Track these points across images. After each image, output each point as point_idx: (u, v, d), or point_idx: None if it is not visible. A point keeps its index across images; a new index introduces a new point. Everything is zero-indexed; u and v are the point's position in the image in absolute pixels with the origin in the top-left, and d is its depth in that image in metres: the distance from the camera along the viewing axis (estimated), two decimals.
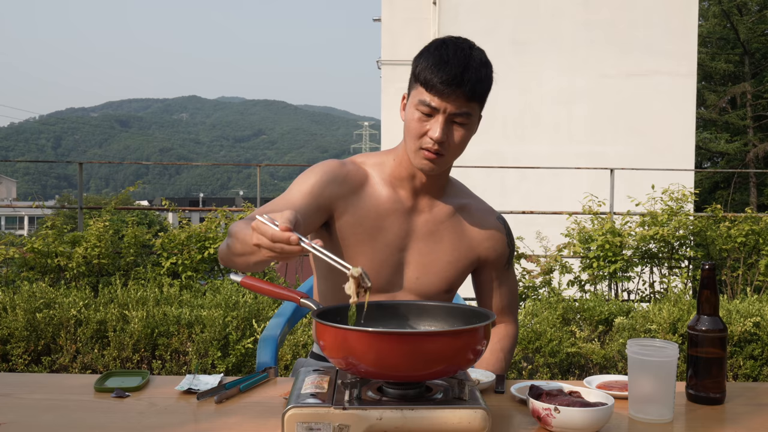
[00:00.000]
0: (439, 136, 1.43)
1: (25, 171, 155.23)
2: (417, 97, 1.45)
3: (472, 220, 1.61)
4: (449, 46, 1.44)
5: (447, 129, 1.45)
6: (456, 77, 1.40)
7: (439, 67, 1.41)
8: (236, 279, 1.41)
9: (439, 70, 1.40)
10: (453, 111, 1.43)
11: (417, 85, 1.45)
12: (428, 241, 1.56)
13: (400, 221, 1.55)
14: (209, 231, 4.73)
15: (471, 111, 1.45)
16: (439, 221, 1.58)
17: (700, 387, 1.40)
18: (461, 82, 1.40)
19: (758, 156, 19.08)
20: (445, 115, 1.43)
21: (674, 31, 9.56)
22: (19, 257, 4.63)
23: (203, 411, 1.33)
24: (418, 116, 1.45)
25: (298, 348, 3.50)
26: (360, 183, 1.54)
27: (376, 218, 1.53)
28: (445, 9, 9.77)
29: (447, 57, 1.42)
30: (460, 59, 1.42)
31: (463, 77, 1.40)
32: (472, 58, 1.43)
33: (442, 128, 1.43)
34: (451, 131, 1.46)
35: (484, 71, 1.45)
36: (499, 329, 1.70)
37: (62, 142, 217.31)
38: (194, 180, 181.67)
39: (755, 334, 3.73)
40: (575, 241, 4.80)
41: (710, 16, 20.99)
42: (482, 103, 1.49)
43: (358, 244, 1.53)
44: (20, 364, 3.62)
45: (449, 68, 1.40)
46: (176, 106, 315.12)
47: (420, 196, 1.57)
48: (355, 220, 1.53)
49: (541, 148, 9.40)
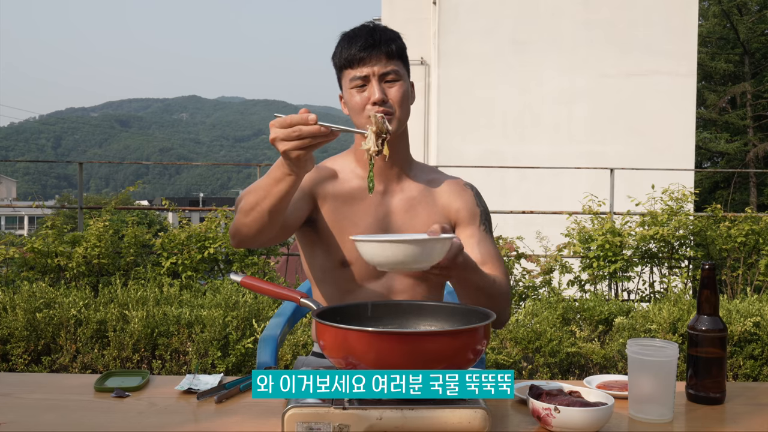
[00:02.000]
0: (379, 96, 1.52)
1: (25, 171, 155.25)
2: (346, 79, 1.56)
3: (441, 189, 1.66)
4: (354, 29, 1.58)
5: (383, 88, 1.53)
6: (368, 40, 1.53)
7: (351, 42, 1.54)
8: (236, 279, 1.41)
9: (352, 44, 1.54)
10: (381, 71, 1.53)
11: (343, 72, 1.57)
12: (406, 218, 1.61)
13: (376, 205, 1.60)
14: (209, 231, 4.73)
15: (397, 68, 1.55)
16: (413, 198, 1.63)
17: (700, 387, 1.40)
18: (374, 42, 1.53)
19: (758, 156, 19.08)
20: (375, 77, 1.53)
21: (674, 31, 9.55)
22: (19, 257, 4.63)
23: (203, 411, 1.33)
24: (355, 93, 1.55)
25: (298, 348, 3.50)
26: (333, 175, 1.62)
27: (352, 205, 1.59)
28: (445, 9, 9.77)
29: (354, 33, 1.56)
30: (365, 29, 1.56)
31: (374, 38, 1.53)
32: (376, 27, 1.57)
33: (378, 87, 1.53)
34: (388, 90, 1.55)
35: (391, 32, 1.58)
36: None
37: (62, 142, 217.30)
38: (194, 180, 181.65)
39: (755, 334, 3.73)
40: (575, 241, 4.80)
41: (710, 16, 20.98)
42: (405, 63, 1.59)
43: (342, 230, 1.58)
44: (20, 364, 3.62)
45: (359, 38, 1.54)
46: (176, 106, 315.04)
47: (389, 181, 1.63)
48: (335, 206, 1.59)
49: (541, 148, 9.39)
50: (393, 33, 1.59)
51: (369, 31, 1.55)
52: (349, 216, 1.58)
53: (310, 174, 1.57)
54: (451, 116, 9.56)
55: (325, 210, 1.59)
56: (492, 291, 1.48)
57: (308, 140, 1.22)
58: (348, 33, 1.58)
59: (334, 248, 1.59)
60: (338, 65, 1.58)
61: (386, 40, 1.54)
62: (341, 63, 1.56)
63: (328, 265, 1.62)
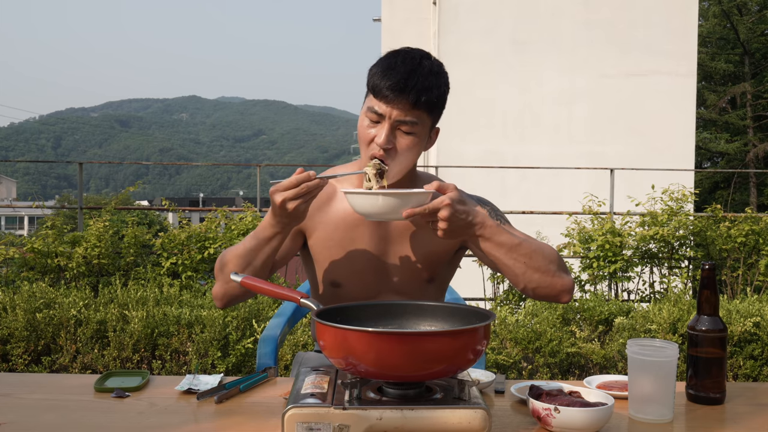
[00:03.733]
0: (383, 141, 1.43)
1: (25, 171, 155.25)
2: (367, 104, 1.47)
3: None
4: (399, 54, 1.45)
5: (392, 135, 1.45)
6: (400, 82, 1.40)
7: (386, 73, 1.42)
8: (236, 279, 1.41)
9: (386, 76, 1.42)
10: (398, 117, 1.43)
11: (368, 93, 1.48)
12: (404, 240, 1.57)
13: (372, 228, 1.56)
14: (209, 231, 4.73)
15: (417, 119, 1.45)
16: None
17: (700, 387, 1.40)
18: (405, 87, 1.40)
19: (758, 156, 19.09)
20: (390, 121, 1.44)
21: (674, 31, 9.55)
22: (19, 257, 4.63)
23: (203, 411, 1.33)
24: (367, 123, 1.47)
25: (298, 348, 3.50)
26: (327, 198, 1.57)
27: (346, 229, 1.55)
28: (445, 9, 9.77)
29: (395, 64, 1.43)
30: (407, 66, 1.42)
31: (407, 83, 1.41)
32: (420, 66, 1.43)
33: (387, 134, 1.44)
34: (397, 138, 1.46)
35: (432, 80, 1.44)
36: None
37: (62, 142, 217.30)
38: (194, 180, 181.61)
39: (755, 334, 3.73)
40: (575, 241, 4.80)
41: (710, 16, 20.99)
42: (432, 113, 1.48)
43: (332, 256, 1.57)
44: (20, 364, 3.62)
45: (395, 74, 1.41)
46: (176, 106, 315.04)
47: None
48: (326, 234, 1.56)
49: (541, 148, 9.39)
50: (434, 80, 1.44)
51: (408, 68, 1.42)
52: (340, 240, 1.55)
53: None
54: (451, 116, 9.50)
55: (315, 238, 1.58)
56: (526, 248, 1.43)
57: (312, 193, 1.36)
58: (391, 58, 1.45)
59: (325, 270, 1.59)
60: (368, 83, 1.47)
61: (419, 89, 1.41)
62: (369, 85, 1.46)
63: (320, 285, 1.63)
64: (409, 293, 1.59)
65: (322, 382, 1.24)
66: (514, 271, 1.44)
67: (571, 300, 1.54)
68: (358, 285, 1.57)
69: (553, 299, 1.49)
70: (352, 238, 1.56)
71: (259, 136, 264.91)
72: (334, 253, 1.57)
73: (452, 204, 1.33)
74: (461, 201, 1.35)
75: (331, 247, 1.57)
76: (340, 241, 1.56)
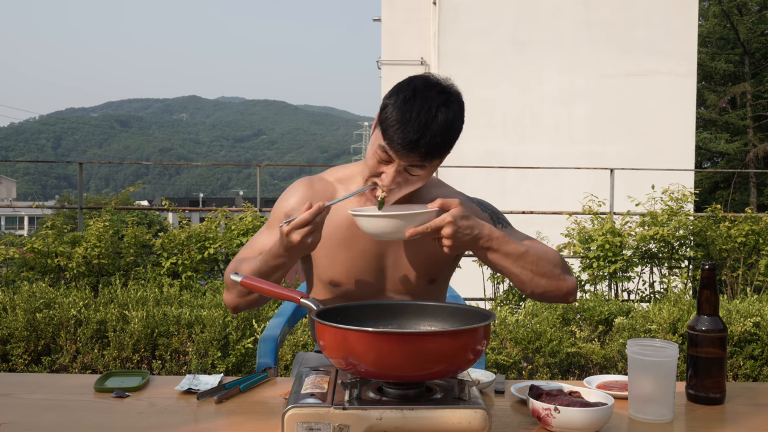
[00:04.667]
0: (388, 183, 1.44)
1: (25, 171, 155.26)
2: (379, 141, 1.45)
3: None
4: (416, 102, 1.40)
5: (398, 177, 1.45)
6: (412, 142, 1.39)
7: (401, 126, 1.39)
8: (237, 279, 1.41)
9: (400, 130, 1.39)
10: (407, 164, 1.44)
11: (380, 128, 1.45)
12: (402, 241, 1.56)
13: None
14: (209, 231, 4.73)
15: (425, 164, 1.45)
16: None
17: (700, 387, 1.40)
18: (416, 145, 1.39)
19: (758, 156, 19.08)
20: (397, 167, 1.44)
21: (674, 31, 9.55)
22: (19, 257, 4.63)
23: (203, 411, 1.33)
24: (376, 157, 1.46)
25: (298, 348, 3.50)
26: (326, 199, 1.57)
27: (344, 229, 1.55)
28: (445, 9, 9.77)
29: (410, 117, 1.39)
30: (421, 122, 1.39)
31: (419, 143, 1.39)
32: (435, 121, 1.40)
33: (393, 178, 1.44)
34: (405, 180, 1.47)
35: (445, 136, 1.42)
36: None
37: (62, 142, 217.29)
38: (194, 180, 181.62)
39: (755, 334, 3.73)
40: (575, 241, 4.80)
41: (710, 16, 20.98)
42: (442, 156, 1.48)
43: (332, 256, 1.57)
44: (20, 364, 3.62)
45: (408, 129, 1.38)
46: (176, 106, 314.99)
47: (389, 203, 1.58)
48: (324, 234, 1.54)
49: (541, 148, 9.40)
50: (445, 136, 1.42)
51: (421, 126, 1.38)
52: (340, 240, 1.56)
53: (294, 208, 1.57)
54: None
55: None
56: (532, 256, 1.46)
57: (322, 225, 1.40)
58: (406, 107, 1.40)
59: (324, 270, 1.59)
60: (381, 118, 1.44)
61: (431, 146, 1.40)
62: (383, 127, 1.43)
63: (319, 284, 1.63)
64: (411, 293, 1.59)
65: (322, 382, 1.24)
66: (522, 278, 1.47)
67: (575, 300, 1.55)
68: (358, 284, 1.57)
69: (559, 301, 1.52)
70: (350, 238, 1.56)
71: (259, 136, 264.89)
72: (332, 252, 1.57)
73: (454, 221, 1.34)
74: (464, 216, 1.36)
75: (330, 247, 1.57)
76: (338, 241, 1.56)
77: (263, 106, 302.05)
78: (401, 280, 1.59)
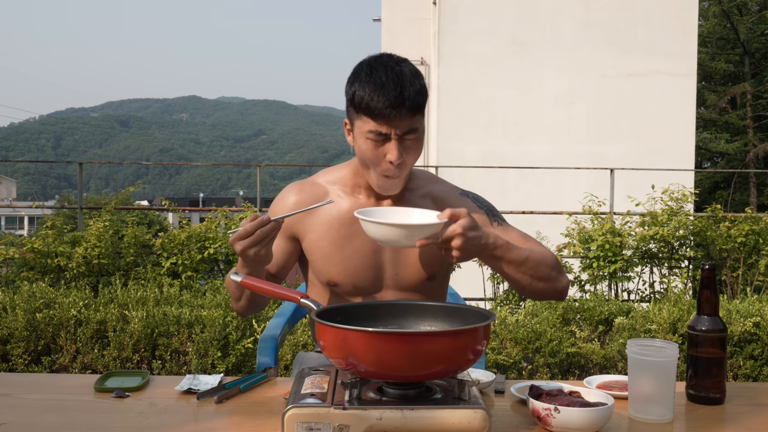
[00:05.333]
0: (397, 157, 1.46)
1: (25, 171, 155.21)
2: (364, 127, 1.47)
3: (437, 204, 1.62)
4: (379, 70, 1.45)
5: (402, 148, 1.47)
6: (397, 99, 1.42)
7: (379, 93, 1.43)
8: (237, 279, 1.41)
9: (381, 96, 1.42)
10: (403, 131, 1.46)
11: (360, 115, 1.47)
12: None
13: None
14: (209, 231, 4.73)
15: (417, 125, 1.49)
16: None
17: (700, 387, 1.40)
18: (402, 101, 1.43)
19: (758, 156, 19.08)
20: (396, 138, 1.46)
21: (674, 31, 9.55)
22: (19, 257, 4.63)
23: (203, 411, 1.33)
24: (371, 145, 1.48)
25: (298, 348, 3.50)
26: (318, 200, 1.59)
27: (340, 228, 1.57)
28: (445, 9, 9.76)
29: (382, 82, 1.43)
30: (394, 80, 1.44)
31: (403, 96, 1.43)
32: (404, 75, 1.45)
33: (399, 150, 1.46)
34: (406, 149, 1.49)
35: (418, 83, 1.47)
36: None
37: (62, 142, 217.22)
38: (194, 180, 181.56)
39: (755, 334, 3.73)
40: (575, 241, 4.80)
41: (710, 16, 20.98)
42: (423, 112, 1.52)
43: (326, 255, 1.58)
44: (20, 364, 3.61)
45: (387, 91, 1.42)
46: (176, 106, 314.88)
47: (383, 197, 1.60)
48: (318, 235, 1.58)
49: (541, 148, 9.39)
50: (419, 82, 1.47)
51: (397, 82, 1.43)
52: (334, 239, 1.57)
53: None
54: (451, 117, 9.55)
55: (307, 240, 1.60)
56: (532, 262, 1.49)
57: (269, 237, 1.39)
58: (372, 75, 1.45)
59: (320, 271, 1.60)
60: (355, 106, 1.47)
61: (414, 95, 1.44)
62: (359, 107, 1.45)
63: (316, 282, 1.65)
64: (411, 290, 1.60)
65: (322, 382, 1.24)
66: (522, 283, 1.50)
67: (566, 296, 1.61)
68: (355, 283, 1.58)
69: (551, 299, 1.57)
70: (345, 237, 1.57)
71: (259, 136, 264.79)
72: (327, 252, 1.58)
73: (464, 233, 1.35)
74: (473, 227, 1.37)
75: (325, 247, 1.58)
76: (333, 241, 1.57)
77: (263, 106, 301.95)
78: (399, 277, 1.59)
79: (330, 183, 1.62)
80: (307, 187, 1.62)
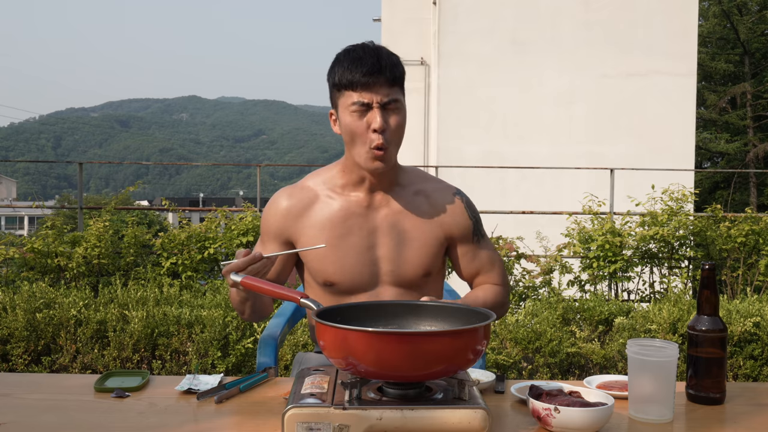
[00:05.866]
0: (380, 124, 1.51)
1: (25, 171, 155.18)
2: (347, 101, 1.53)
3: (430, 201, 1.65)
4: (357, 49, 1.54)
5: (385, 116, 1.52)
6: (374, 66, 1.50)
7: (356, 64, 1.51)
8: (237, 279, 1.41)
9: (356, 67, 1.51)
10: (383, 99, 1.52)
11: (342, 92, 1.54)
12: (393, 233, 1.60)
13: (360, 222, 1.60)
14: (209, 231, 4.73)
15: (398, 96, 1.54)
16: (399, 211, 1.62)
17: (700, 387, 1.40)
18: (379, 69, 1.50)
19: (758, 156, 19.08)
20: (377, 105, 1.52)
21: (674, 31, 9.54)
22: (19, 257, 4.63)
23: (203, 411, 1.33)
24: (355, 117, 1.52)
25: (298, 348, 3.50)
26: (309, 203, 1.62)
27: (332, 228, 1.59)
28: (445, 9, 9.76)
29: (359, 55, 1.52)
30: (370, 54, 1.52)
31: (380, 64, 1.51)
32: (379, 49, 1.55)
33: (381, 115, 1.51)
34: (388, 119, 1.53)
35: (394, 56, 1.56)
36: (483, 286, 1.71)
37: (62, 142, 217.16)
38: (194, 180, 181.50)
39: (755, 334, 3.73)
40: (575, 241, 4.80)
41: (710, 16, 20.98)
42: (403, 90, 1.58)
43: (321, 258, 1.60)
44: (20, 364, 3.61)
45: (364, 62, 1.51)
46: (176, 106, 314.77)
47: (375, 194, 1.62)
48: (312, 236, 1.60)
49: (541, 148, 9.39)
50: (396, 57, 1.56)
51: (374, 54, 1.52)
52: (327, 239, 1.59)
53: (277, 220, 1.63)
54: (451, 116, 9.55)
55: (302, 243, 1.62)
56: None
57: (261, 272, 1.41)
58: (350, 53, 1.53)
59: (316, 272, 1.62)
60: (337, 84, 1.54)
61: (391, 66, 1.52)
62: (341, 84, 1.52)
63: (313, 283, 1.66)
64: (407, 287, 1.60)
65: (322, 382, 1.24)
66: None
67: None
68: (352, 281, 1.59)
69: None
70: (339, 236, 1.58)
71: (259, 136, 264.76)
72: (321, 255, 1.59)
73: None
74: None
75: (318, 251, 1.59)
76: (326, 241, 1.58)
77: (263, 106, 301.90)
78: (396, 273, 1.60)
79: (319, 183, 1.64)
80: (297, 192, 1.64)
